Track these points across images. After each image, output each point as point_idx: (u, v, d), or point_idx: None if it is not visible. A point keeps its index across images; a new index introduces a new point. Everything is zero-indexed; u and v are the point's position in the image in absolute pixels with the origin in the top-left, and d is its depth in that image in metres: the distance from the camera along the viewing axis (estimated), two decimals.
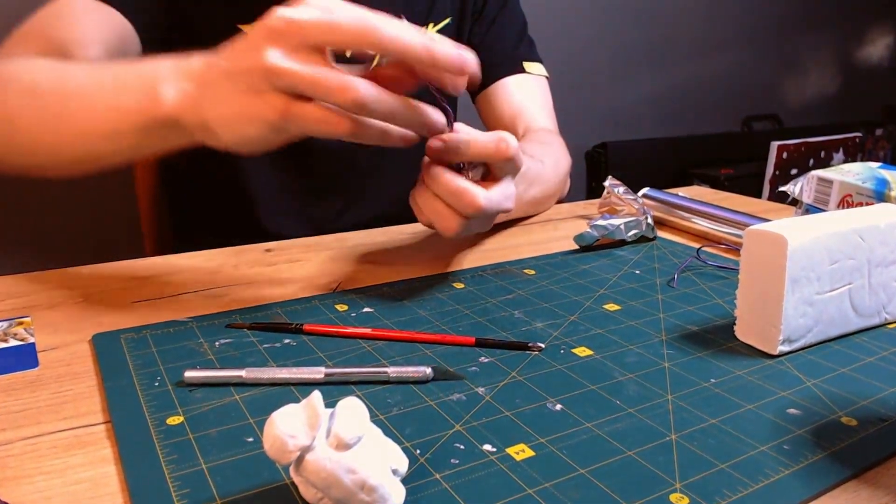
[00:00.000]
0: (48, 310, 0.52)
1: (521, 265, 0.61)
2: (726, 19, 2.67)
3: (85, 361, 0.44)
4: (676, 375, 0.42)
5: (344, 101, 0.42)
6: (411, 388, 0.40)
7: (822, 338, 0.46)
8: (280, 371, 0.40)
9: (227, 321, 0.49)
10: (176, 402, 0.38)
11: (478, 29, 0.89)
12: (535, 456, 0.34)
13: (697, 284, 0.57)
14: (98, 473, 0.33)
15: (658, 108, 2.58)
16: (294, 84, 0.42)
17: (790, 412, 0.38)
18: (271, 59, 0.41)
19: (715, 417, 0.37)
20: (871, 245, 0.46)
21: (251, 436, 0.35)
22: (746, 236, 0.45)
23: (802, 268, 0.43)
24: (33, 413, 0.38)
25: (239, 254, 0.65)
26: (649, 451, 0.34)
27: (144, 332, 0.47)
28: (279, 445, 0.28)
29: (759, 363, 0.43)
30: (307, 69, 0.42)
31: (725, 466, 0.33)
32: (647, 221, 0.68)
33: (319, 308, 0.51)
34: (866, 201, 0.62)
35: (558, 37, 2.18)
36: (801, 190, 0.69)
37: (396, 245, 0.68)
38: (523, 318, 0.50)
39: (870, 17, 3.20)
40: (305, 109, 0.43)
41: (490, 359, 0.44)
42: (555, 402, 0.39)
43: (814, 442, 0.35)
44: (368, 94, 0.42)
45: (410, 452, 0.34)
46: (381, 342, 0.46)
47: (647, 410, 0.38)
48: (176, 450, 0.34)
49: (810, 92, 3.11)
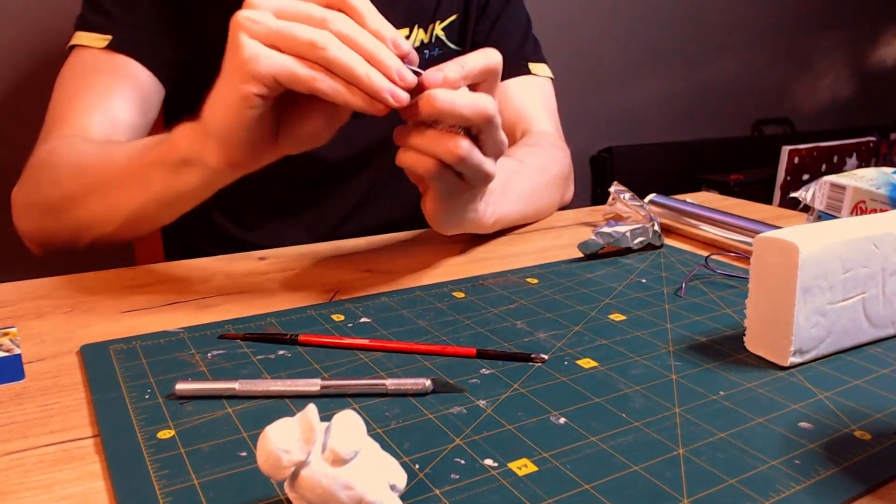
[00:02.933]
0: (35, 320, 0.52)
1: (524, 274, 0.61)
2: (736, 20, 2.68)
3: (73, 373, 0.44)
4: (684, 388, 0.42)
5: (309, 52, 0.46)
6: (410, 400, 0.40)
7: (834, 349, 0.46)
8: (274, 383, 0.41)
9: (220, 332, 0.49)
10: (167, 416, 0.38)
11: (481, 27, 0.90)
12: (538, 471, 0.34)
13: (706, 294, 0.57)
14: (86, 489, 0.33)
15: (665, 111, 2.59)
16: (267, 35, 0.46)
17: (802, 426, 0.38)
18: (245, 43, 0.46)
19: (724, 431, 0.37)
20: (886, 253, 0.46)
21: (244, 450, 0.35)
22: (756, 244, 0.45)
23: (814, 276, 0.43)
24: (19, 427, 0.38)
25: (232, 262, 0.65)
26: (656, 466, 0.34)
27: (134, 343, 0.47)
28: (273, 460, 0.28)
29: (769, 375, 0.44)
30: (277, 22, 0.46)
31: (735, 482, 0.33)
32: (654, 229, 0.68)
33: (315, 318, 0.51)
34: (881, 208, 0.62)
35: (563, 37, 2.19)
36: (814, 196, 0.69)
37: (395, 253, 0.68)
38: (526, 328, 0.50)
39: (884, 18, 3.21)
40: (273, 54, 0.46)
41: (491, 370, 0.44)
42: (558, 416, 0.39)
43: (826, 456, 0.35)
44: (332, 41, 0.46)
45: (409, 467, 0.34)
46: (379, 353, 0.46)
47: (654, 424, 0.38)
48: (167, 464, 0.34)
49: (823, 95, 3.11)
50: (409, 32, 0.83)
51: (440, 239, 0.71)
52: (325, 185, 0.85)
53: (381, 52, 0.46)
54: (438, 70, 0.48)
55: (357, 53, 0.46)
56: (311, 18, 0.46)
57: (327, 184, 0.85)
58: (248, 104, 0.47)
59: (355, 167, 0.86)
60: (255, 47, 0.46)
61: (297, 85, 0.46)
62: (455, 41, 0.88)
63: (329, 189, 0.86)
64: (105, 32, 0.72)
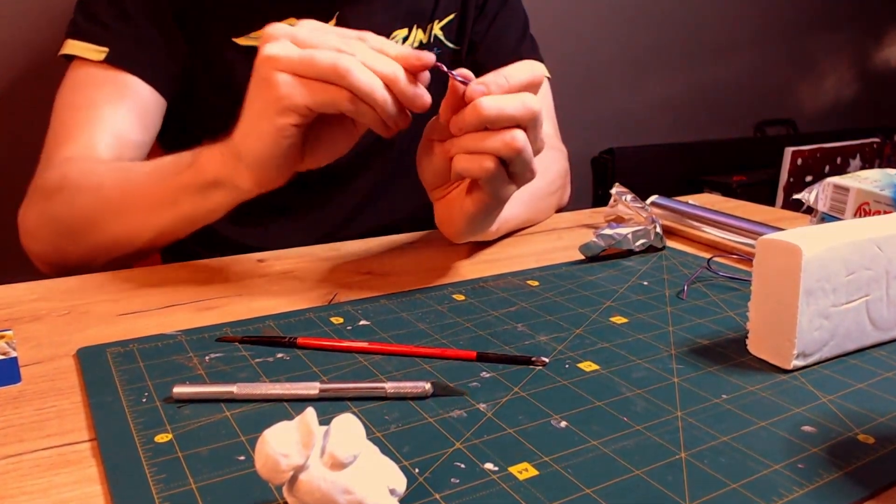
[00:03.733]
0: (31, 323, 0.52)
1: (525, 276, 0.61)
2: (739, 20, 2.68)
3: (69, 377, 0.44)
4: (686, 391, 0.42)
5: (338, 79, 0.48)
6: (410, 404, 0.40)
7: (837, 352, 0.46)
8: (273, 387, 0.41)
9: (218, 334, 0.49)
10: (164, 419, 0.38)
11: (479, 26, 0.90)
12: (539, 475, 0.34)
13: (708, 296, 0.57)
14: (83, 493, 0.33)
15: (667, 112, 2.59)
16: (294, 66, 0.48)
17: (805, 429, 0.38)
18: (279, 79, 0.49)
19: (726, 435, 0.37)
20: (890, 255, 0.46)
21: (242, 454, 0.35)
22: (759, 246, 0.45)
23: (818, 279, 0.43)
24: (16, 430, 0.38)
25: (230, 264, 0.65)
26: (658, 470, 0.34)
27: (131, 346, 0.47)
28: (272, 464, 0.28)
29: (772, 378, 0.44)
30: (299, 53, 0.49)
31: (737, 486, 0.33)
32: (656, 230, 0.68)
33: (314, 321, 0.52)
34: (884, 209, 0.62)
35: (564, 37, 2.19)
36: (817, 198, 0.69)
37: (394, 255, 0.68)
38: (527, 331, 0.50)
39: (888, 18, 3.21)
40: (304, 84, 0.48)
41: (492, 374, 0.44)
42: (559, 419, 0.39)
43: (829, 460, 0.35)
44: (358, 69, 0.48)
45: (409, 471, 0.34)
46: (379, 356, 0.46)
47: (656, 428, 0.38)
48: (164, 468, 0.34)
49: (826, 95, 3.11)
50: (409, 33, 0.84)
51: (440, 241, 0.71)
52: (325, 189, 0.85)
53: (397, 77, 0.49)
54: (482, 84, 0.49)
55: (377, 76, 0.49)
56: (329, 46, 0.49)
57: (327, 187, 0.86)
58: (285, 134, 0.50)
59: (355, 170, 0.86)
60: (289, 82, 0.48)
61: (328, 108, 0.49)
62: (453, 40, 0.88)
63: (329, 192, 0.86)
64: (101, 44, 0.72)
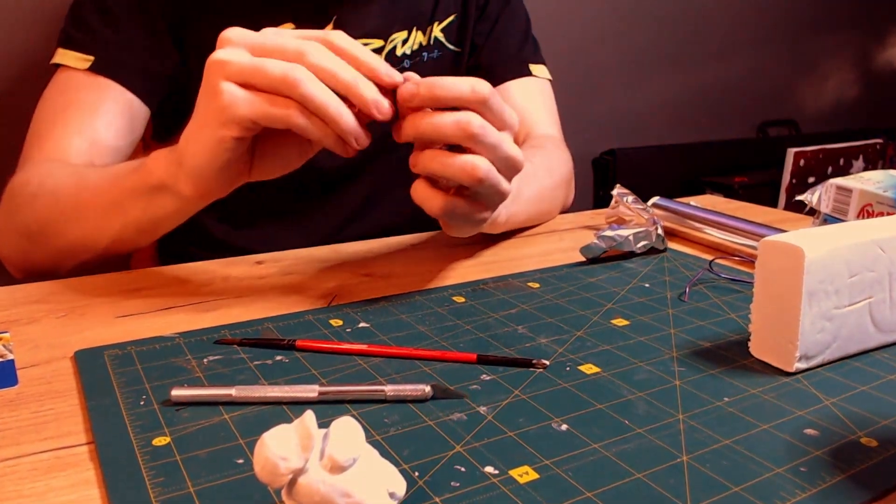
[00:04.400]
0: (28, 325, 0.52)
1: (525, 278, 0.61)
2: (741, 21, 2.69)
3: (67, 379, 0.44)
4: (688, 394, 0.42)
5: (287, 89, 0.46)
6: (409, 407, 0.40)
7: (840, 354, 0.46)
8: (271, 389, 0.41)
9: (216, 337, 0.49)
10: (162, 422, 0.38)
11: (481, 28, 0.90)
12: (540, 478, 0.34)
13: (710, 298, 0.57)
14: (80, 496, 0.33)
15: (669, 113, 2.59)
16: (241, 74, 0.46)
17: (807, 432, 0.38)
18: (223, 88, 0.46)
19: (728, 438, 0.37)
20: (893, 257, 0.46)
21: (241, 457, 0.35)
22: (761, 248, 0.45)
23: (820, 281, 0.43)
24: (12, 433, 0.38)
25: (228, 266, 0.65)
26: (659, 473, 0.34)
27: (129, 348, 0.47)
28: (270, 468, 0.28)
29: (774, 381, 0.44)
30: (249, 60, 0.46)
31: (739, 489, 0.33)
32: (658, 232, 0.68)
33: (313, 323, 0.52)
34: (887, 211, 0.62)
35: (565, 38, 2.20)
36: (819, 199, 0.69)
37: (394, 257, 0.68)
38: (527, 333, 0.50)
39: (891, 18, 3.22)
40: (249, 97, 0.46)
41: (492, 376, 0.44)
42: (560, 422, 0.39)
43: (832, 464, 0.35)
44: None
45: (409, 475, 0.34)
46: (378, 359, 0.46)
47: (657, 431, 0.38)
48: (162, 472, 0.34)
49: (829, 96, 3.12)
50: (408, 35, 0.83)
51: (440, 243, 0.71)
52: (323, 192, 0.85)
53: (357, 84, 0.46)
54: (414, 83, 0.47)
55: (331, 88, 0.46)
56: (286, 52, 0.46)
57: (326, 191, 0.86)
58: (225, 147, 0.48)
59: (354, 174, 0.86)
60: (232, 92, 0.46)
61: (274, 123, 0.47)
62: (454, 42, 0.88)
63: (327, 196, 0.86)
64: (88, 52, 0.72)
